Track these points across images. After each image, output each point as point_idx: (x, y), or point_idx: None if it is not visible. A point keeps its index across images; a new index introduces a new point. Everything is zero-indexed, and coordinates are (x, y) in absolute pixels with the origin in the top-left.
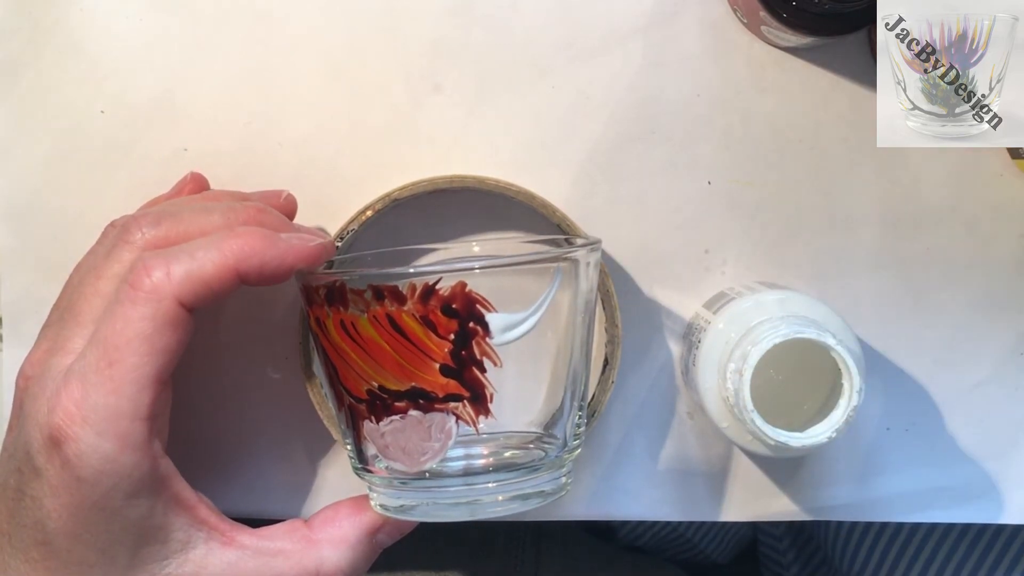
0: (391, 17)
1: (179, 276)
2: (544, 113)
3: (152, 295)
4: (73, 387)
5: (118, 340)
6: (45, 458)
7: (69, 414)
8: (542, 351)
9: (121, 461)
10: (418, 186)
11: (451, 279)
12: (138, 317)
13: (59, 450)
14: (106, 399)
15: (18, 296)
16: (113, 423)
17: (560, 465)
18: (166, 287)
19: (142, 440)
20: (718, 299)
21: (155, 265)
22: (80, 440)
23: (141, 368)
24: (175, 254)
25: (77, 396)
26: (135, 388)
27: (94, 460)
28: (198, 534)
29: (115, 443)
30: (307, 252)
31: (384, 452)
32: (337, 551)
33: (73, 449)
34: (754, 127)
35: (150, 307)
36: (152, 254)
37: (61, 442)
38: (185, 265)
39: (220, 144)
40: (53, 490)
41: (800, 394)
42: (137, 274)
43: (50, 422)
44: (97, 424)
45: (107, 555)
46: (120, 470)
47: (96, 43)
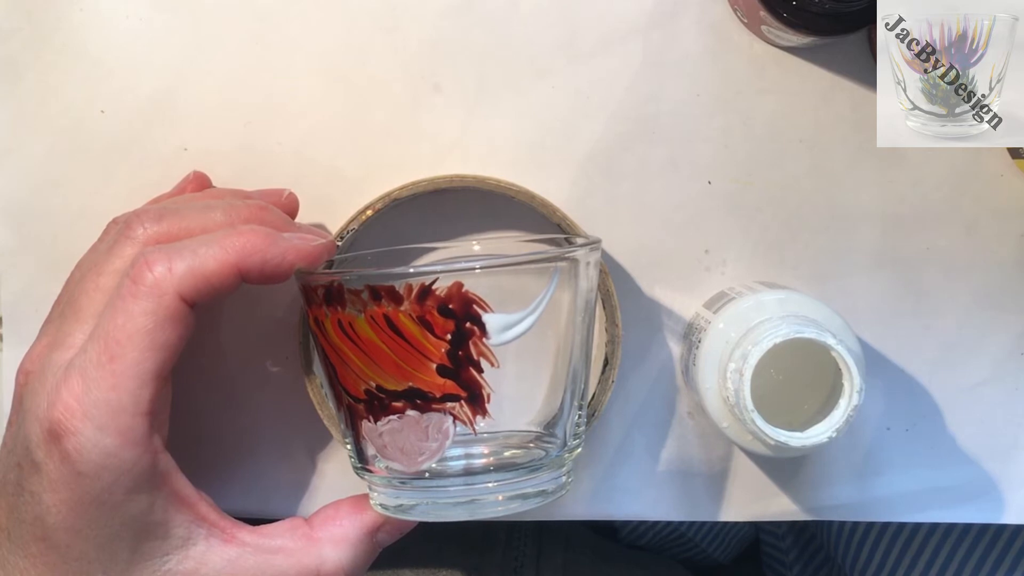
0: (391, 17)
1: (181, 271)
2: (544, 113)
3: (154, 290)
4: (73, 382)
5: (119, 335)
6: (45, 452)
7: (69, 408)
8: (542, 351)
9: (121, 456)
10: (418, 186)
11: (448, 279)
12: (140, 312)
13: (59, 444)
14: (107, 394)
15: (18, 295)
16: (114, 418)
17: (560, 465)
18: (168, 282)
19: (143, 435)
20: (718, 299)
21: (157, 260)
22: (80, 434)
23: (142, 363)
24: (177, 249)
25: (78, 391)
26: (136, 383)
27: (94, 455)
28: (198, 530)
29: (116, 438)
30: (308, 251)
31: (382, 452)
32: (338, 550)
33: (73, 443)
34: (754, 127)
35: (152, 302)
36: (154, 249)
37: (61, 436)
38: (187, 260)
39: (220, 144)
40: (53, 485)
41: (800, 394)
42: (139, 268)
43: (50, 416)
44: (97, 419)
45: (107, 550)
46: (120, 465)
47: (96, 43)
